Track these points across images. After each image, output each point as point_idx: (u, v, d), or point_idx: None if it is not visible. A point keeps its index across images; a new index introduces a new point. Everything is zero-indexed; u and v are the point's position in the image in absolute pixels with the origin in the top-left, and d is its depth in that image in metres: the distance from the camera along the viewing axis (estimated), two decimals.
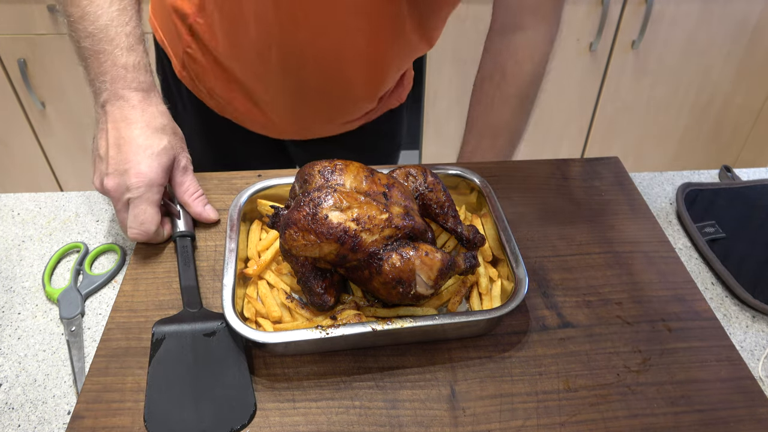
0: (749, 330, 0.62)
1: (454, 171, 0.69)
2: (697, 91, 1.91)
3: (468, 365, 0.55)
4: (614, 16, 1.70)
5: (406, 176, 0.62)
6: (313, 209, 0.52)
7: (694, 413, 0.52)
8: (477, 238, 0.61)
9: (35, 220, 0.73)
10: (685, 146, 2.08)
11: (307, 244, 0.53)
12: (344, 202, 0.53)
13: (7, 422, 0.52)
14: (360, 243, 0.52)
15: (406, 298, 0.54)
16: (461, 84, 1.78)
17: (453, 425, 0.51)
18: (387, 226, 0.53)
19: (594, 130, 1.98)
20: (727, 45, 1.81)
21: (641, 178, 0.82)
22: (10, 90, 1.67)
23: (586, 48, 1.76)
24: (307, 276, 0.55)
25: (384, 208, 0.54)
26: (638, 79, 1.86)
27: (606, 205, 0.73)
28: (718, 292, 0.66)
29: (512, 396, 0.53)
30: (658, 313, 0.60)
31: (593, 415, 0.52)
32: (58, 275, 0.66)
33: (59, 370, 0.57)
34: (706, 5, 1.71)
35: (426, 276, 0.53)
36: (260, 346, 0.56)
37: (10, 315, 0.62)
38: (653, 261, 0.66)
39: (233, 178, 0.75)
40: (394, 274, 0.53)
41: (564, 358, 0.56)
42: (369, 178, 0.57)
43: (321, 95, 0.86)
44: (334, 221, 0.52)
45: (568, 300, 0.62)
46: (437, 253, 0.54)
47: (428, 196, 0.61)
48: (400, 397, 0.53)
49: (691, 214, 0.74)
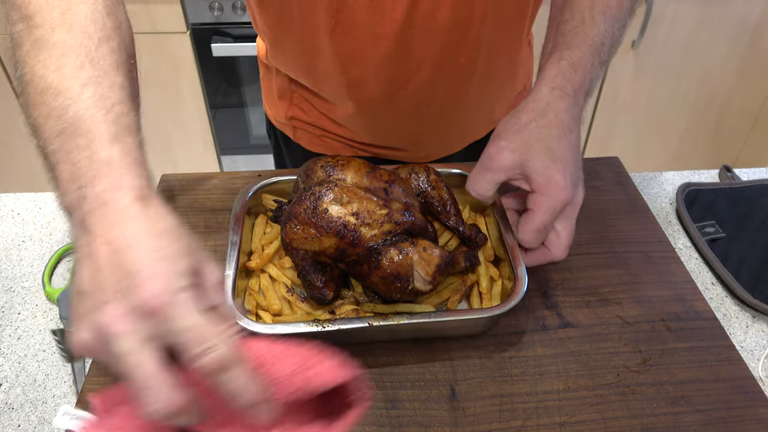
0: (749, 330, 0.62)
1: (458, 170, 0.69)
2: (697, 91, 1.91)
3: (468, 365, 0.55)
4: None
5: (409, 173, 0.62)
6: (314, 203, 0.53)
7: (694, 413, 0.52)
8: (478, 237, 0.61)
9: (35, 220, 0.73)
10: (685, 146, 2.08)
11: (307, 237, 0.53)
12: (344, 197, 0.53)
13: (7, 422, 0.52)
14: (359, 237, 0.52)
15: (404, 294, 0.54)
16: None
17: (453, 425, 0.51)
18: (386, 221, 0.53)
19: (594, 130, 1.98)
20: (727, 45, 1.81)
21: (641, 178, 0.82)
22: (10, 90, 1.67)
23: None
24: (307, 270, 0.55)
25: (384, 204, 0.54)
26: (638, 79, 1.86)
27: (606, 205, 0.73)
28: (718, 292, 0.66)
29: (512, 396, 0.53)
30: (658, 313, 0.60)
31: (593, 415, 0.52)
32: (58, 275, 0.66)
33: (59, 370, 0.57)
34: (706, 5, 1.71)
35: (424, 272, 0.53)
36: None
37: (10, 315, 0.62)
38: (653, 261, 0.66)
39: (233, 178, 0.75)
40: (392, 268, 0.53)
41: (564, 358, 0.56)
42: (371, 174, 0.57)
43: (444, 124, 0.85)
44: (334, 215, 0.52)
45: (568, 300, 0.62)
46: (435, 249, 0.54)
47: (430, 194, 0.62)
48: (400, 397, 0.53)
49: (691, 214, 0.74)
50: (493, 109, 0.89)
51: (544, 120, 0.58)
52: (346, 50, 0.71)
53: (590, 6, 0.63)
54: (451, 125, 0.86)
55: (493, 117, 0.90)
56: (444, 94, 0.78)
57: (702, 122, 2.01)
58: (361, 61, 0.72)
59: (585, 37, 0.62)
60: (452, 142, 0.90)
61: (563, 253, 0.61)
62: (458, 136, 0.90)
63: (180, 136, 1.84)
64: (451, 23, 0.68)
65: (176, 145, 1.86)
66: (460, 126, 0.87)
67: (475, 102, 0.83)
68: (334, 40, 0.70)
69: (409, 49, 0.70)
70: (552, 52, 0.62)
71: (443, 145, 0.90)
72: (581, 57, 0.61)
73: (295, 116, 0.90)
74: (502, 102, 0.89)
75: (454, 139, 0.90)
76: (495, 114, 0.90)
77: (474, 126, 0.90)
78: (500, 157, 0.58)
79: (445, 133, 0.87)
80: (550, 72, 0.60)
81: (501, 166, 0.58)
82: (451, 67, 0.74)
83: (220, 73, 1.74)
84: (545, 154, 0.57)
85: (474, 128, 0.90)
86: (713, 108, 1.97)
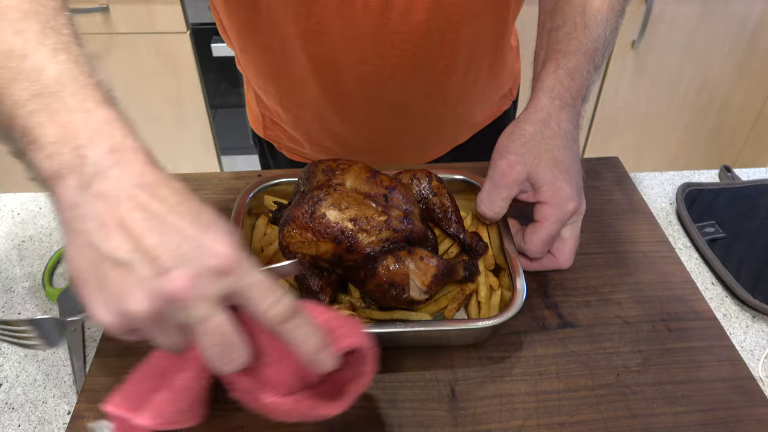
0: (749, 330, 0.62)
1: (461, 176, 0.68)
2: (697, 91, 1.91)
3: (468, 365, 0.55)
4: None
5: (411, 179, 0.62)
6: (312, 207, 0.52)
7: (694, 413, 0.52)
8: (479, 245, 0.60)
9: (35, 220, 0.73)
10: (685, 146, 2.08)
11: (305, 241, 0.53)
12: (343, 202, 0.53)
13: (7, 422, 0.52)
14: (356, 244, 0.52)
15: (400, 302, 0.54)
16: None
17: (453, 425, 0.51)
18: (384, 228, 0.53)
19: (594, 130, 1.98)
20: (727, 45, 1.81)
21: (641, 178, 0.82)
22: None
23: None
24: (304, 273, 0.55)
25: (383, 210, 0.54)
26: (638, 79, 1.86)
27: (606, 205, 0.73)
28: (718, 292, 0.66)
29: (512, 396, 0.53)
30: (658, 313, 0.60)
31: (593, 415, 0.52)
32: (58, 275, 0.66)
33: (59, 370, 0.57)
34: (706, 5, 1.71)
35: (420, 281, 0.53)
36: None
37: (10, 315, 0.62)
38: (653, 261, 0.66)
39: (233, 178, 0.75)
40: (388, 277, 0.53)
41: (564, 358, 0.56)
42: (371, 179, 0.57)
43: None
44: (332, 220, 0.52)
45: (568, 300, 0.62)
46: (433, 259, 0.54)
47: (432, 201, 0.61)
48: (400, 397, 0.53)
49: (691, 214, 0.74)
50: (475, 113, 0.88)
51: (548, 131, 0.58)
52: (319, 54, 0.70)
53: (581, 11, 0.63)
54: (432, 128, 0.85)
55: (475, 121, 0.89)
56: (422, 98, 0.77)
57: (702, 122, 2.01)
58: (334, 65, 0.71)
59: (579, 43, 0.62)
60: (433, 146, 0.89)
61: (569, 260, 0.61)
62: (439, 139, 0.89)
63: (180, 136, 1.84)
64: (425, 27, 0.68)
65: (176, 145, 1.86)
66: (440, 129, 0.86)
67: (456, 105, 0.82)
68: (306, 45, 0.69)
69: (384, 53, 0.70)
70: (547, 61, 0.62)
71: (424, 148, 0.89)
72: (577, 64, 0.61)
73: (271, 137, 0.90)
74: (484, 105, 0.88)
75: (435, 142, 0.89)
76: (477, 118, 0.89)
77: (456, 129, 0.89)
78: (514, 173, 0.57)
79: (426, 135, 0.87)
80: (547, 82, 0.60)
81: (515, 181, 0.58)
82: (429, 71, 0.73)
83: (220, 73, 1.74)
84: (553, 165, 0.57)
85: (456, 132, 0.89)
86: (713, 108, 1.97)
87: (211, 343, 0.36)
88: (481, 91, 0.84)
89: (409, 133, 0.84)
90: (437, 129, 0.86)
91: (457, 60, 0.74)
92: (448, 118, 0.84)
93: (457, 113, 0.84)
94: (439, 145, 0.90)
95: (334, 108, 0.78)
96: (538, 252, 0.59)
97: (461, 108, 0.84)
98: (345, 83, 0.74)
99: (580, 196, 0.59)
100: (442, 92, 0.78)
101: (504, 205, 0.59)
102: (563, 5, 0.65)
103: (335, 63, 0.71)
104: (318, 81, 0.74)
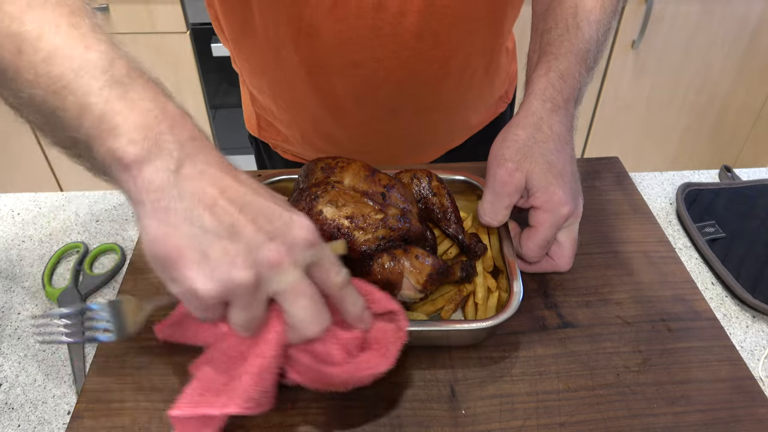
0: (749, 330, 0.62)
1: (462, 176, 0.68)
2: (697, 91, 1.91)
3: (468, 365, 0.55)
4: None
5: (411, 179, 0.62)
6: (309, 204, 0.53)
7: (694, 413, 0.52)
8: (478, 246, 0.60)
9: (35, 220, 0.73)
10: (685, 146, 2.08)
11: None
12: (340, 200, 0.53)
13: (7, 422, 0.52)
14: (352, 241, 0.52)
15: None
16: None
17: (453, 425, 0.51)
18: (381, 226, 0.53)
19: (594, 130, 1.98)
20: (727, 45, 1.81)
21: (641, 178, 0.82)
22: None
23: None
24: None
25: (380, 209, 0.54)
26: (638, 79, 1.86)
27: (606, 205, 0.73)
28: (718, 292, 0.66)
29: (512, 396, 0.53)
30: (658, 313, 0.60)
31: (593, 415, 0.52)
32: (58, 275, 0.66)
33: (59, 370, 0.57)
34: (706, 5, 1.71)
35: (415, 280, 0.53)
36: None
37: (10, 315, 0.62)
38: (653, 261, 0.66)
39: None
40: (383, 275, 0.53)
41: (564, 358, 0.56)
42: (369, 177, 0.57)
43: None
44: (328, 217, 0.52)
45: (568, 300, 0.62)
46: (429, 258, 0.54)
47: (431, 201, 0.61)
48: (399, 397, 0.53)
49: (691, 214, 0.74)
50: (470, 116, 0.87)
51: (540, 135, 0.58)
52: (311, 56, 0.70)
53: (573, 13, 0.63)
54: (426, 131, 0.85)
55: (471, 123, 0.89)
56: (416, 100, 0.77)
57: (702, 122, 2.01)
58: (327, 66, 0.71)
59: (571, 45, 0.61)
60: (428, 148, 0.89)
61: (568, 263, 0.61)
62: (434, 142, 0.89)
63: None
64: (418, 30, 0.68)
65: None
66: (435, 131, 0.86)
67: (451, 108, 0.82)
68: (299, 46, 0.69)
69: (377, 55, 0.69)
70: (539, 63, 0.62)
71: (419, 151, 0.89)
72: (569, 66, 0.60)
73: (265, 137, 0.90)
74: (480, 108, 0.88)
75: (429, 145, 0.89)
76: (472, 120, 0.89)
77: (451, 132, 0.88)
78: (514, 181, 0.57)
79: (420, 138, 0.86)
80: (539, 84, 0.60)
81: (516, 189, 0.57)
82: (423, 73, 0.73)
83: (220, 73, 1.74)
84: (547, 170, 0.57)
85: (451, 134, 0.89)
86: (713, 108, 1.97)
87: (302, 306, 0.40)
88: (476, 93, 0.84)
89: (403, 136, 0.84)
90: (432, 132, 0.86)
91: (451, 63, 0.74)
92: (442, 120, 0.84)
93: (452, 116, 0.84)
94: (434, 147, 0.90)
95: (327, 109, 0.78)
96: (534, 257, 0.59)
97: (456, 111, 0.83)
98: (338, 85, 0.74)
99: (575, 199, 0.59)
100: (436, 95, 0.78)
101: (507, 213, 0.59)
102: (555, 7, 0.64)
103: (328, 65, 0.71)
104: (311, 82, 0.74)
